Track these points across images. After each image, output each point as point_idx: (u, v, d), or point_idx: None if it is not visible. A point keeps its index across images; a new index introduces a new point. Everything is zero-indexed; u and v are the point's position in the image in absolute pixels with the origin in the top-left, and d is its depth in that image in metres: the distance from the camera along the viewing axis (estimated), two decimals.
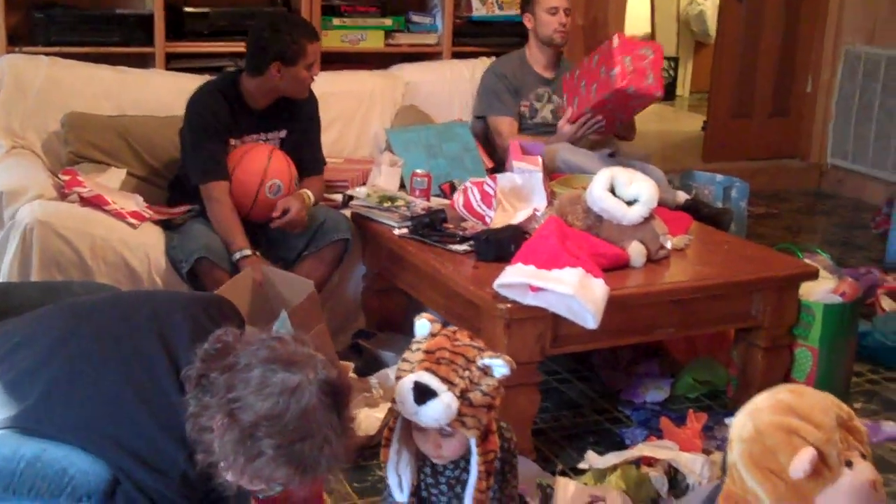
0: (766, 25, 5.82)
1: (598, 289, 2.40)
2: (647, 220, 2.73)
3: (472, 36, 4.38)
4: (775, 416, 1.64)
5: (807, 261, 3.08)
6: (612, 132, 3.82)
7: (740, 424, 1.67)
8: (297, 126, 3.20)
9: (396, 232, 2.96)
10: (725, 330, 2.99)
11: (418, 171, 3.33)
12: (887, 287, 3.76)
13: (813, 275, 2.81)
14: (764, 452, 1.62)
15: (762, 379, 2.76)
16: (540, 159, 3.37)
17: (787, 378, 2.87)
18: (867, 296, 3.72)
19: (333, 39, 4.07)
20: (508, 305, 2.42)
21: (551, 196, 3.01)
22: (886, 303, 3.65)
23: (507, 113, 3.78)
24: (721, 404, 3.00)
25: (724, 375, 3.07)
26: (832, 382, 2.92)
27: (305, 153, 3.21)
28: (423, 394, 1.80)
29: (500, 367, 1.83)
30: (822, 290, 2.91)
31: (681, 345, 3.17)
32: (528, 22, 3.85)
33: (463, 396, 1.80)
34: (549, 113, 3.83)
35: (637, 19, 7.61)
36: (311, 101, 3.24)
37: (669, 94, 8.07)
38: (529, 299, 2.38)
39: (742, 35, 5.79)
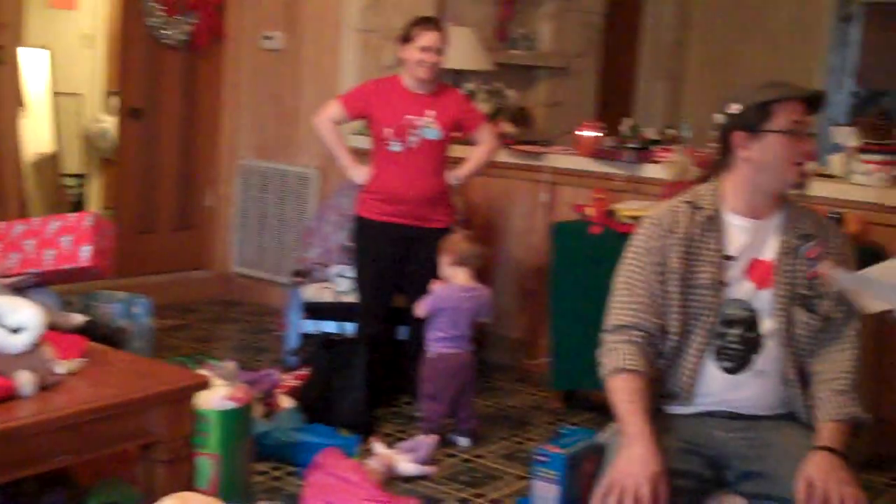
0: (164, 141, 6.03)
1: None
2: (36, 346, 2.68)
3: None
4: None
5: (203, 370, 3.21)
6: None
7: None
8: None
9: None
10: (128, 448, 2.99)
11: None
12: (285, 386, 4.03)
13: (204, 385, 2.93)
14: None
15: (166, 492, 2.79)
16: None
17: (190, 488, 2.95)
18: (268, 396, 3.96)
19: None
20: None
21: None
22: (285, 401, 3.90)
23: None
24: None
25: (133, 494, 3.07)
26: (234, 485, 3.07)
27: None
28: None
29: None
30: (216, 397, 3.05)
31: (86, 468, 3.11)
32: None
33: None
34: None
35: (39, 137, 7.44)
36: None
37: (79, 209, 7.97)
38: None
39: (142, 151, 5.94)
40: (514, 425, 4.25)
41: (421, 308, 3.95)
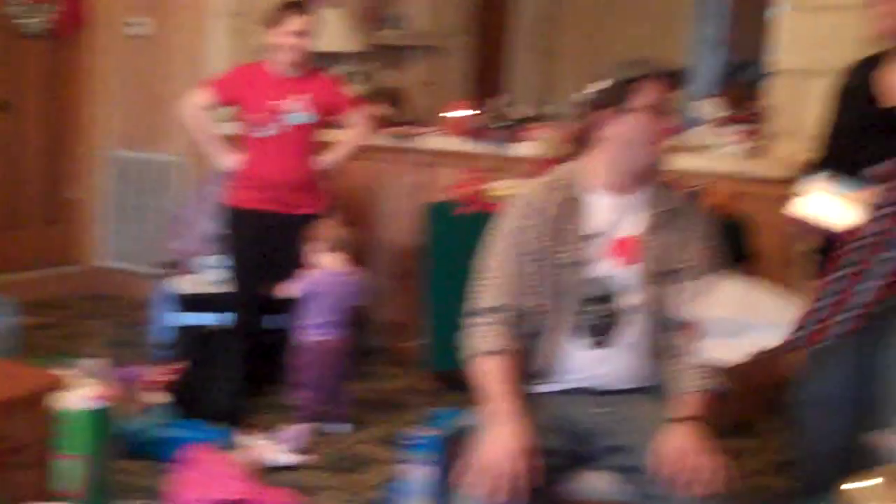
0: (28, 134, 5.81)
1: None
2: None
3: None
4: None
5: (68, 369, 3.11)
6: None
7: None
8: None
9: None
10: None
11: None
12: (157, 381, 3.92)
13: (57, 385, 2.83)
14: None
15: (26, 497, 2.71)
16: None
17: (49, 492, 2.85)
18: (137, 392, 3.86)
19: None
20: None
21: None
22: (157, 396, 3.80)
23: None
24: None
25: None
26: (102, 486, 2.99)
27: None
28: None
29: None
30: (79, 397, 2.96)
31: None
32: None
33: None
34: None
35: None
36: None
37: None
38: None
39: (5, 145, 5.71)
40: (391, 409, 4.23)
41: (289, 289, 3.89)
